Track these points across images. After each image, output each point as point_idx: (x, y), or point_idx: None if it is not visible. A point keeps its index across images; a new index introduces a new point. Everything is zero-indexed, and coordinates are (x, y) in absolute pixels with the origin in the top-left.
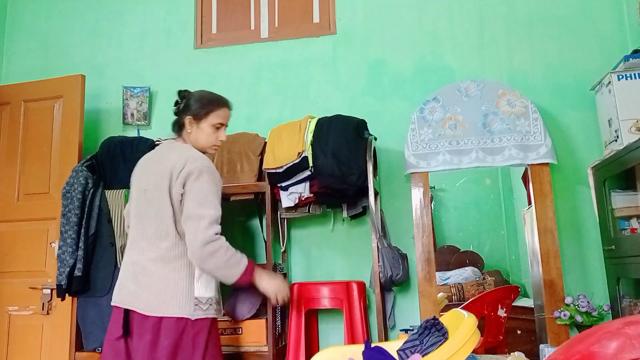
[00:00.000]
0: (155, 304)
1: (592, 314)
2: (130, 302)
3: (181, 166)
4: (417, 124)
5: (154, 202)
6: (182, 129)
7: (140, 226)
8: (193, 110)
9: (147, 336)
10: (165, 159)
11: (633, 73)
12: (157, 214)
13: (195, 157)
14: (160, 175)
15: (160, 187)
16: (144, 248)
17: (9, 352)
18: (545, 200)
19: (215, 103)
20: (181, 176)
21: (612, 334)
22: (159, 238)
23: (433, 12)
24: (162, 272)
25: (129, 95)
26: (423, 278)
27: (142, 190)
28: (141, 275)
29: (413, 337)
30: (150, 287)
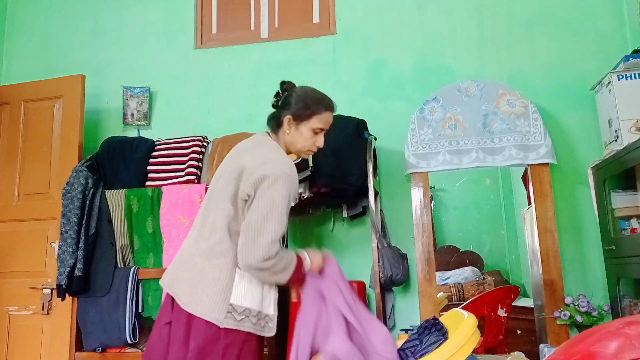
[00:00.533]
0: (189, 299)
1: (592, 314)
2: (173, 286)
3: (258, 165)
4: (417, 124)
5: (220, 192)
6: (280, 127)
7: (204, 212)
8: (295, 109)
9: (180, 330)
10: (248, 152)
11: (633, 73)
12: (217, 205)
13: (276, 160)
14: (235, 167)
15: (230, 178)
16: (198, 236)
17: (9, 352)
18: (545, 200)
19: (320, 105)
20: (254, 176)
21: (612, 334)
22: (214, 229)
23: (433, 12)
24: (204, 266)
25: (129, 95)
26: (423, 278)
27: (218, 176)
28: (187, 264)
29: (413, 337)
30: (190, 278)
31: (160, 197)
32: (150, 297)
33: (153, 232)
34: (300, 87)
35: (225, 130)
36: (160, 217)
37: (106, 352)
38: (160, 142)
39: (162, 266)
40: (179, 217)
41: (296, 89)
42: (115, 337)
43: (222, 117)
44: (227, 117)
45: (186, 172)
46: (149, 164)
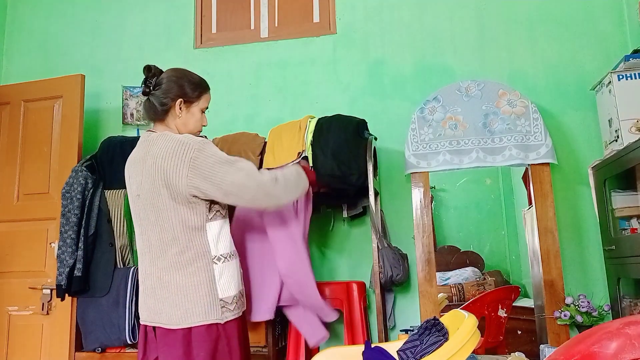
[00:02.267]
0: (179, 315)
1: (592, 314)
2: (153, 318)
3: (175, 160)
4: (417, 124)
5: (150, 207)
6: (167, 113)
7: (144, 235)
8: (185, 92)
9: (176, 351)
10: (148, 156)
11: (633, 73)
12: (159, 219)
13: (182, 142)
14: (151, 177)
15: (155, 188)
16: (153, 258)
17: (9, 352)
18: (545, 200)
19: (205, 86)
20: (183, 169)
21: (612, 334)
22: (166, 244)
23: (433, 12)
24: (178, 280)
25: (129, 95)
26: (423, 278)
27: (135, 196)
28: (157, 288)
29: (413, 337)
30: (169, 298)
31: None
32: None
33: None
34: (171, 70)
35: (225, 130)
36: None
37: (106, 353)
38: None
39: None
40: None
41: (168, 73)
42: (114, 338)
43: (222, 116)
44: (227, 117)
45: None
46: None
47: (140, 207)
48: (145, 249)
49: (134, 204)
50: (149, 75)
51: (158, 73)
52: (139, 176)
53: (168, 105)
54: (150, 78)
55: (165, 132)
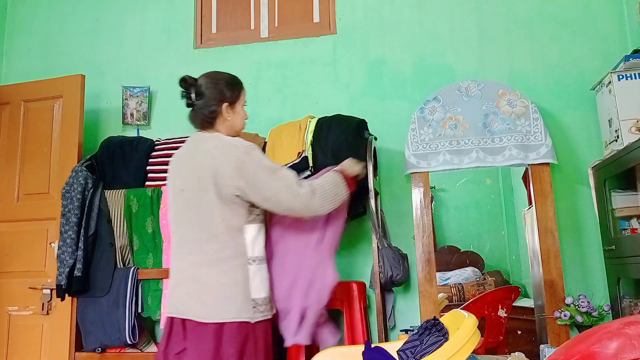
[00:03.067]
0: (213, 310)
1: (592, 314)
2: (183, 311)
3: (224, 159)
4: (417, 124)
5: (193, 203)
6: (216, 118)
7: (181, 230)
8: (228, 96)
9: (206, 345)
10: (198, 153)
11: (633, 73)
12: (199, 215)
13: (231, 143)
14: (199, 174)
15: (202, 186)
16: (188, 253)
17: (9, 352)
18: (545, 200)
19: (240, 82)
20: (229, 169)
21: (612, 334)
22: (204, 241)
23: (433, 12)
24: (214, 276)
25: (129, 95)
26: (423, 278)
27: (179, 191)
28: (191, 282)
29: (413, 337)
30: (204, 293)
31: (160, 197)
32: (150, 298)
33: (153, 233)
34: (205, 77)
35: None
36: (160, 217)
37: (106, 353)
38: (160, 142)
39: (162, 266)
40: None
41: (204, 80)
42: (114, 338)
43: None
44: None
45: None
46: (149, 164)
47: (181, 202)
48: (181, 244)
49: (175, 198)
50: (186, 87)
51: (194, 82)
52: (186, 172)
53: (215, 113)
54: (188, 89)
55: (216, 133)
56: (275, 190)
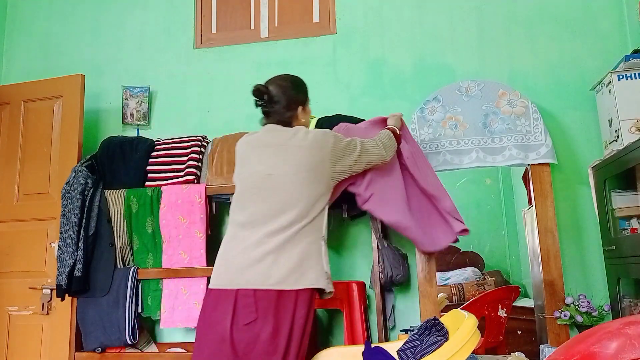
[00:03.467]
0: (293, 278)
1: (592, 314)
2: (262, 281)
3: (320, 149)
4: (417, 124)
5: (286, 186)
6: (292, 121)
7: (266, 211)
8: (301, 99)
9: (288, 310)
10: (289, 142)
11: (633, 73)
12: (292, 198)
13: (321, 133)
14: (293, 160)
15: (296, 172)
16: (276, 231)
17: (8, 352)
18: (545, 200)
19: (304, 82)
20: (327, 159)
21: (612, 334)
22: (295, 221)
23: (433, 12)
24: (297, 249)
25: (129, 95)
26: (423, 278)
27: (265, 175)
28: (273, 254)
29: (413, 337)
30: (285, 263)
31: (160, 197)
32: (150, 298)
33: (153, 232)
34: (276, 81)
35: (225, 130)
36: (160, 217)
37: (106, 353)
38: (160, 142)
39: (162, 266)
40: (179, 217)
41: (276, 86)
42: (114, 338)
43: (222, 116)
44: (226, 117)
45: (185, 172)
46: (149, 163)
47: (267, 186)
48: (263, 223)
49: (255, 182)
50: (260, 96)
51: (266, 90)
52: (275, 158)
53: (292, 116)
54: (262, 97)
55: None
56: (366, 160)
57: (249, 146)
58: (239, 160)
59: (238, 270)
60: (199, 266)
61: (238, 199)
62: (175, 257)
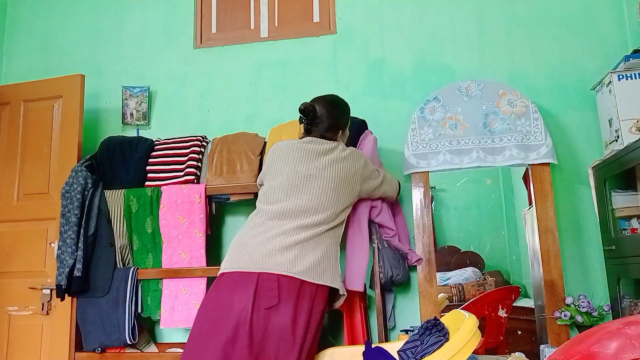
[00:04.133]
0: (316, 272)
1: (592, 314)
2: (289, 268)
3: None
4: (417, 124)
5: (325, 191)
6: (332, 140)
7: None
8: (344, 122)
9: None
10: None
11: (633, 73)
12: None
13: (358, 153)
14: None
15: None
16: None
17: (8, 352)
18: (545, 200)
19: (348, 106)
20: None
21: (612, 334)
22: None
23: (433, 12)
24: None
25: (129, 95)
26: (423, 278)
27: (306, 176)
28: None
29: (414, 337)
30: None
31: (160, 197)
32: (150, 298)
33: (152, 232)
34: (323, 102)
35: (225, 130)
36: (160, 217)
37: (105, 353)
38: (160, 142)
39: (162, 266)
40: (179, 217)
41: (322, 107)
42: (114, 338)
43: (222, 116)
44: (226, 117)
45: (185, 172)
46: (148, 163)
47: (307, 186)
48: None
49: (296, 179)
50: (306, 114)
51: (312, 109)
52: (318, 163)
53: (332, 137)
54: (307, 115)
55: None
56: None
57: (290, 148)
58: (277, 158)
59: (264, 255)
60: (199, 266)
61: (271, 192)
62: (175, 257)
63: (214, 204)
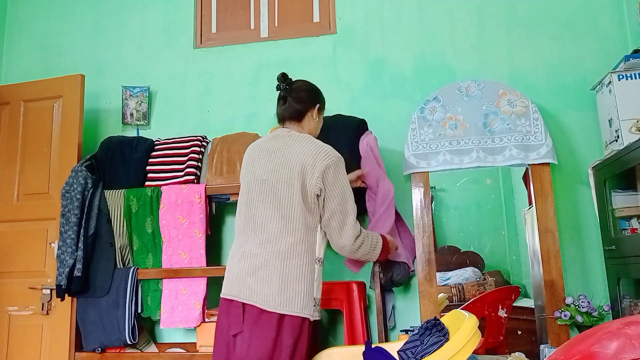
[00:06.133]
0: (278, 300)
1: (592, 314)
2: (248, 295)
3: (314, 159)
4: (417, 124)
5: (276, 195)
6: (304, 116)
7: (257, 218)
8: (320, 100)
9: (267, 332)
10: (288, 149)
11: (633, 73)
12: (281, 208)
13: (324, 148)
14: (288, 168)
15: (288, 180)
16: (264, 241)
17: (8, 352)
18: (545, 200)
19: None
20: (317, 170)
21: (612, 334)
22: (285, 233)
23: (433, 12)
24: (285, 268)
25: (129, 95)
26: (423, 278)
27: (260, 181)
28: (262, 269)
29: (414, 337)
30: (272, 282)
31: (160, 197)
32: (150, 298)
33: (152, 232)
34: (302, 81)
35: (225, 130)
36: (160, 217)
37: (105, 353)
38: (160, 142)
39: (162, 266)
40: (179, 217)
41: (300, 81)
42: (114, 338)
43: (222, 116)
44: (226, 117)
45: (185, 172)
46: (149, 163)
47: (261, 192)
48: (255, 231)
49: (252, 186)
50: (284, 80)
51: (291, 81)
52: (271, 164)
53: (306, 110)
54: (286, 82)
55: (306, 134)
56: (334, 210)
57: (255, 150)
58: (243, 164)
59: (233, 281)
60: (199, 266)
61: (239, 203)
62: (175, 257)
63: (214, 204)
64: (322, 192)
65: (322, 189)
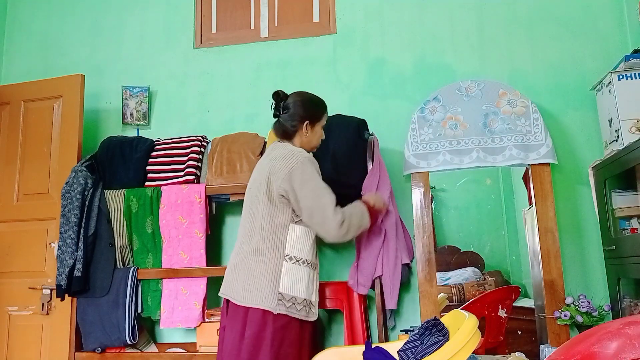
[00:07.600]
0: (244, 295)
1: (592, 314)
2: (228, 292)
3: (280, 163)
4: (417, 124)
5: (253, 199)
6: (294, 133)
7: (243, 222)
8: (309, 114)
9: (237, 325)
10: (267, 157)
11: (633, 73)
12: (253, 209)
13: (292, 152)
14: (261, 174)
15: (259, 184)
16: (243, 242)
17: (8, 352)
18: (545, 200)
19: (324, 105)
20: (282, 173)
21: (612, 334)
22: (253, 232)
23: (433, 12)
24: (251, 264)
25: (129, 95)
26: (423, 278)
27: (248, 189)
28: (238, 267)
29: (414, 337)
30: (242, 278)
31: (160, 197)
32: (150, 298)
33: (152, 232)
34: (296, 93)
35: (225, 130)
36: (160, 217)
37: (105, 353)
38: (160, 142)
39: (162, 266)
40: (179, 217)
41: (294, 97)
42: (114, 338)
43: (222, 116)
44: (226, 117)
45: (185, 172)
46: (149, 163)
47: (247, 198)
48: (240, 234)
49: (247, 196)
50: (278, 100)
51: (285, 97)
52: (255, 173)
53: (296, 128)
54: (279, 102)
55: (287, 143)
56: (311, 206)
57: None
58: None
59: (224, 279)
60: (199, 266)
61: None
62: (175, 257)
63: (214, 204)
64: (288, 194)
65: (287, 190)
